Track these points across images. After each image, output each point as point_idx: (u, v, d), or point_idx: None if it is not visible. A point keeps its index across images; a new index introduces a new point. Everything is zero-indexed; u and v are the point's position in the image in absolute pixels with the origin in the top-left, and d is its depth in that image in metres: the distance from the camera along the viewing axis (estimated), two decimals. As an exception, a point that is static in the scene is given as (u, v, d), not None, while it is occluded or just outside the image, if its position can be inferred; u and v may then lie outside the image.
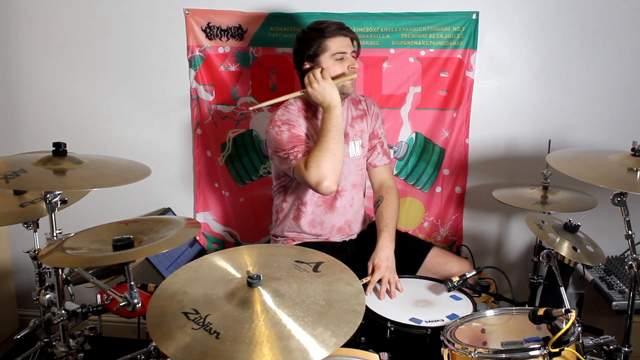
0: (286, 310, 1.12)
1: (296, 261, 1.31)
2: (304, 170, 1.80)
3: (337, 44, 1.94)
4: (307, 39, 1.97)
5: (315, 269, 1.28)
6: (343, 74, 1.93)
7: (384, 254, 1.90)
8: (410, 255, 1.98)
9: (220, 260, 1.31)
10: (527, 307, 1.63)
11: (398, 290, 1.84)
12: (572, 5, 2.31)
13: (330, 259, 1.33)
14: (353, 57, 1.99)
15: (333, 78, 1.91)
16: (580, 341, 1.36)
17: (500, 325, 1.53)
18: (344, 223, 2.10)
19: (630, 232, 1.53)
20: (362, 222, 2.17)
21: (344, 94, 2.00)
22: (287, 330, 1.07)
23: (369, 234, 2.15)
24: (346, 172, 2.07)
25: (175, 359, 1.02)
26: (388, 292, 1.82)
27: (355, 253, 2.10)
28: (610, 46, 2.34)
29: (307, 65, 1.98)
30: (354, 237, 2.14)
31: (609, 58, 2.35)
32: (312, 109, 2.04)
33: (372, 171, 2.17)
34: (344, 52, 1.95)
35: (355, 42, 2.00)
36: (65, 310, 1.50)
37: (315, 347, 1.05)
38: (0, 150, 2.56)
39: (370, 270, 1.88)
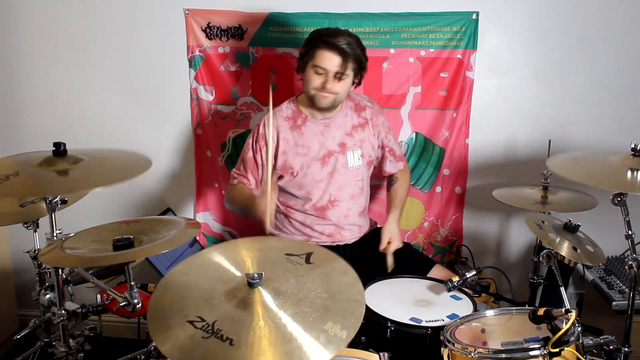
0: (292, 309, 1.11)
1: (286, 254, 1.29)
2: (226, 194, 2.17)
3: (320, 58, 1.89)
4: (307, 40, 1.96)
5: (307, 261, 1.27)
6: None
7: (389, 228, 2.05)
8: (412, 271, 1.97)
9: (211, 259, 1.27)
10: (527, 307, 1.63)
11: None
12: (572, 5, 2.31)
13: (319, 248, 1.32)
14: (337, 77, 1.90)
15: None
16: (580, 341, 1.36)
17: (500, 325, 1.53)
18: (334, 230, 2.09)
19: (630, 232, 1.53)
20: (357, 231, 2.14)
21: (316, 105, 1.98)
22: (298, 330, 1.06)
23: (369, 241, 2.14)
24: (342, 182, 2.07)
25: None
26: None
27: (351, 260, 2.05)
28: (610, 46, 2.34)
29: (299, 66, 2.00)
30: (349, 241, 2.12)
31: (609, 58, 2.35)
32: (302, 116, 2.05)
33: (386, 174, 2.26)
34: (323, 69, 1.90)
35: (350, 62, 1.89)
36: (65, 310, 1.50)
37: (330, 342, 1.04)
38: (1, 150, 2.56)
39: (385, 242, 2.02)
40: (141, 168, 1.51)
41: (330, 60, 1.89)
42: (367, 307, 1.61)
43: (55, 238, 1.49)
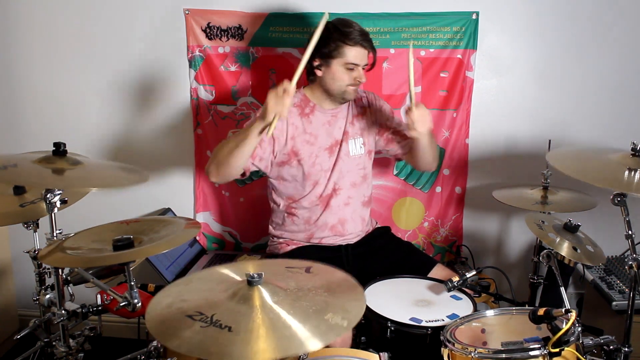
0: (292, 303, 1.12)
1: (287, 267, 1.31)
2: (213, 153, 1.96)
3: (353, 54, 1.93)
4: (327, 37, 1.92)
5: (307, 271, 1.30)
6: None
7: None
8: (413, 270, 1.98)
9: (213, 271, 1.30)
10: (527, 307, 1.63)
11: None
12: (572, 5, 2.31)
13: (318, 264, 1.34)
14: (364, 69, 1.98)
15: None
16: (580, 341, 1.36)
17: (500, 325, 1.54)
18: (337, 222, 2.09)
19: (630, 232, 1.53)
20: (360, 222, 2.14)
21: (344, 99, 2.02)
22: (298, 318, 1.07)
23: (370, 241, 2.15)
24: (344, 170, 2.07)
25: (191, 354, 1.02)
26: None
27: (353, 260, 2.08)
28: (610, 46, 2.34)
29: (317, 62, 1.98)
30: (350, 240, 2.12)
31: (610, 58, 2.35)
32: (310, 105, 2.05)
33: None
34: (356, 64, 1.94)
35: (371, 55, 1.98)
36: (65, 310, 1.50)
37: (331, 330, 1.05)
38: (1, 150, 2.56)
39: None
40: (137, 180, 1.53)
41: (362, 55, 1.95)
42: (367, 307, 1.61)
43: (55, 238, 1.50)
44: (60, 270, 1.51)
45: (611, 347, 1.48)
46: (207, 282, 1.25)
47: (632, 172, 1.49)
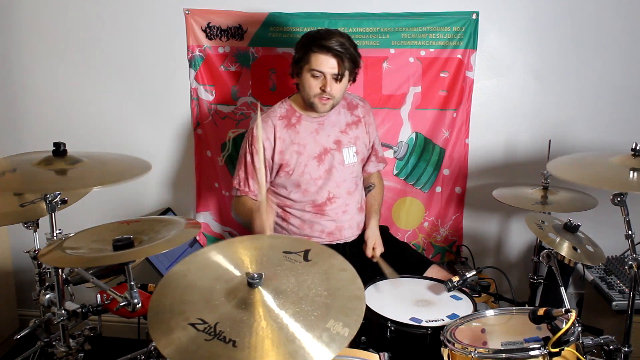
0: (293, 308, 1.10)
1: (284, 252, 1.28)
2: (232, 207, 2.17)
3: (317, 61, 1.89)
4: (299, 44, 1.96)
5: (305, 258, 1.26)
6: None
7: (373, 233, 2.09)
8: (408, 270, 1.98)
9: (209, 259, 1.26)
10: (527, 307, 1.63)
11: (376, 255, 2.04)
12: (572, 5, 2.31)
13: (316, 245, 1.31)
14: (335, 78, 1.91)
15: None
16: (580, 341, 1.36)
17: (500, 325, 1.54)
18: (334, 228, 2.09)
19: (630, 232, 1.53)
20: (356, 227, 2.14)
21: (316, 112, 2.01)
22: (300, 330, 1.06)
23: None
24: (340, 179, 2.07)
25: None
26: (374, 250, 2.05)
27: (352, 257, 2.07)
28: (610, 46, 2.34)
29: (294, 70, 1.99)
30: (349, 240, 2.12)
31: (609, 58, 2.35)
32: (296, 115, 2.05)
33: (364, 175, 2.24)
34: (320, 72, 1.90)
35: (346, 62, 1.89)
36: (65, 310, 1.50)
37: (333, 340, 1.03)
38: (1, 150, 2.56)
39: (371, 247, 2.06)
40: (139, 171, 1.52)
41: (326, 63, 1.90)
42: (367, 307, 1.61)
43: (55, 238, 1.50)
44: (60, 270, 1.51)
45: (611, 347, 1.48)
46: (204, 275, 1.22)
47: (635, 173, 1.50)
